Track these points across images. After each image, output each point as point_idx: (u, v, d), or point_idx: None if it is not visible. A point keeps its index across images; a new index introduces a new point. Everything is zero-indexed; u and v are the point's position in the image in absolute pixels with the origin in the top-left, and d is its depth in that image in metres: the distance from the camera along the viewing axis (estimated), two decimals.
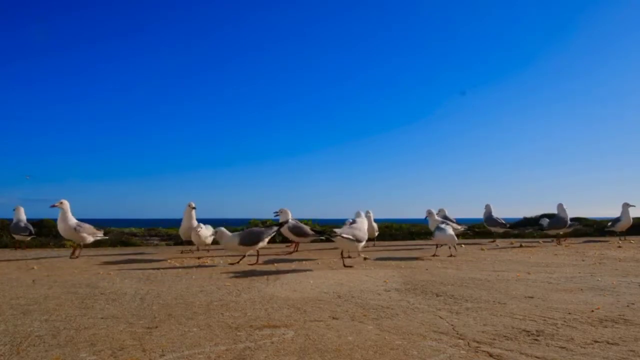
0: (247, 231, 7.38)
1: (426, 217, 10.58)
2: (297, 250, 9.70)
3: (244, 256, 7.49)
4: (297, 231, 8.98)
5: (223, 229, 7.42)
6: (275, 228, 7.64)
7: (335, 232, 6.56)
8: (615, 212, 12.34)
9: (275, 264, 7.20)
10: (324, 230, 9.27)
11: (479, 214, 13.08)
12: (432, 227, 10.06)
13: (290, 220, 9.27)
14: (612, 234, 13.03)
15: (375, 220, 10.92)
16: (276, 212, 9.59)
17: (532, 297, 4.33)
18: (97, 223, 14.95)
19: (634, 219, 12.36)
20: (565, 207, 11.10)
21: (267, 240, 7.31)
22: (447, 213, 11.71)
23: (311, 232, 9.03)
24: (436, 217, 10.61)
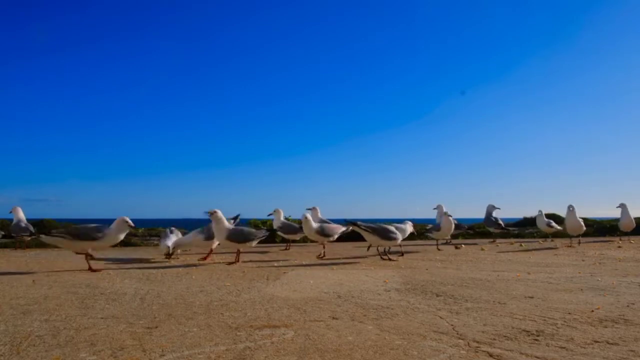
0: (237, 229, 7.45)
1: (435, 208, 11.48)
2: (288, 248, 10.01)
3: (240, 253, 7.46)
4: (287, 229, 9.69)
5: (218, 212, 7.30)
6: (265, 232, 7.74)
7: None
8: (615, 212, 12.34)
9: (275, 264, 7.21)
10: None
11: (479, 214, 13.08)
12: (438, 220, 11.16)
13: (282, 219, 9.99)
14: (616, 234, 13.07)
15: (376, 220, 10.97)
16: (270, 213, 10.16)
17: (532, 297, 4.33)
18: (97, 223, 14.94)
19: (634, 218, 12.35)
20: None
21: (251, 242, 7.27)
22: (445, 210, 11.70)
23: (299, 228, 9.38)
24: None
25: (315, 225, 8.18)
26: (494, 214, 12.40)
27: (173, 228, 8.69)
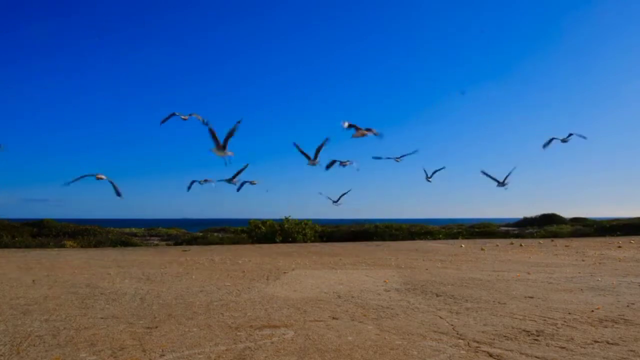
0: None
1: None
2: None
3: None
4: None
5: None
6: None
7: None
8: (614, 212, 12.32)
9: (275, 264, 7.21)
10: None
11: (477, 214, 13.09)
12: None
13: None
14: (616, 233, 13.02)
15: (376, 221, 10.92)
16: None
17: (532, 297, 4.33)
18: (97, 223, 14.99)
19: (634, 218, 12.33)
20: None
21: None
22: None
23: None
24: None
25: None
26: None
27: None
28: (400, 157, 7.81)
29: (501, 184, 9.48)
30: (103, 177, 7.31)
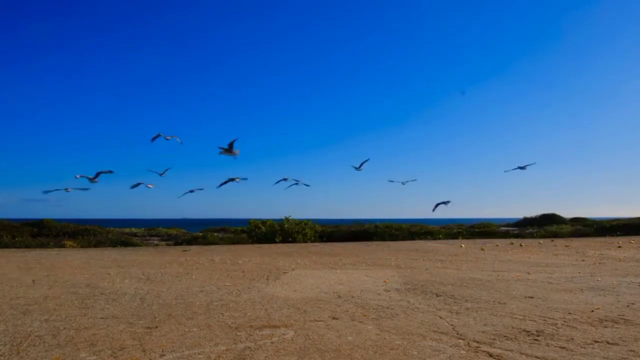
0: None
1: None
2: None
3: None
4: None
5: None
6: None
7: None
8: (614, 212, 12.32)
9: (275, 264, 7.21)
10: None
11: (477, 214, 13.10)
12: None
13: None
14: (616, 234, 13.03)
15: (376, 221, 10.92)
16: None
17: (532, 297, 4.33)
18: (97, 223, 15.00)
19: (634, 218, 12.33)
20: None
21: None
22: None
23: None
24: None
25: None
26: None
27: None
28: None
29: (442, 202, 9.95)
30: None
